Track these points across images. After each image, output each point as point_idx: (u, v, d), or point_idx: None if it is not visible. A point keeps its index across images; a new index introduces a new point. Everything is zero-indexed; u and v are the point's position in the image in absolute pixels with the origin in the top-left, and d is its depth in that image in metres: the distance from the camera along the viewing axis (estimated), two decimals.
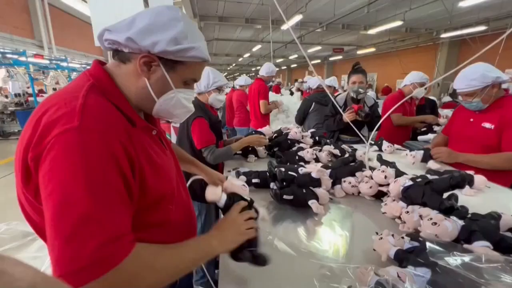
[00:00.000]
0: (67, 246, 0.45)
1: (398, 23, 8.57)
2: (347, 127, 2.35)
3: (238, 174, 1.36)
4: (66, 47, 10.96)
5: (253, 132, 1.98)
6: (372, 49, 14.65)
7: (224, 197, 0.81)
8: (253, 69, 25.96)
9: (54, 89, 9.20)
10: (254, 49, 15.14)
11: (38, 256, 0.89)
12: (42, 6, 9.30)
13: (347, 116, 2.16)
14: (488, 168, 1.52)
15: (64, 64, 8.51)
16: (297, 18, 7.94)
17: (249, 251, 0.68)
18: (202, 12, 10.57)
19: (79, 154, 0.48)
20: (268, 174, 1.31)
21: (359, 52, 15.67)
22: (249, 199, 0.80)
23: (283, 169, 1.19)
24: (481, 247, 0.71)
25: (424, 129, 2.59)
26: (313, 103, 2.97)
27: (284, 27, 8.81)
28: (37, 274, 0.46)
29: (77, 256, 0.45)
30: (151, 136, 0.68)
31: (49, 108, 0.52)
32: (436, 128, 2.59)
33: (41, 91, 8.69)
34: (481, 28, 9.04)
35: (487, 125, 1.57)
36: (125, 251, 0.50)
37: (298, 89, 7.19)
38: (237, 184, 0.96)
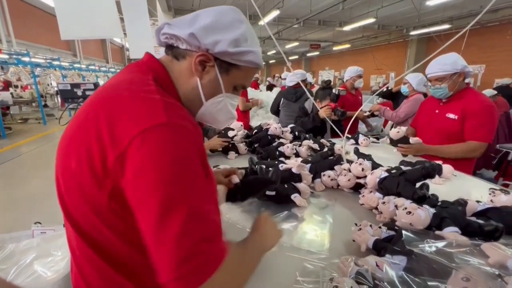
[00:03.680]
0: (177, 248, 0.43)
1: (371, 20, 8.92)
2: (321, 127, 2.40)
3: None
4: (27, 40, 10.11)
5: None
6: (347, 45, 15.10)
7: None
8: None
9: (16, 86, 8.48)
10: None
11: (1, 268, 0.83)
12: None
13: (323, 111, 2.18)
14: (454, 157, 1.63)
15: (26, 59, 7.83)
16: (274, 13, 7.97)
17: None
18: (177, 5, 10.19)
19: (174, 150, 0.45)
20: (249, 170, 1.30)
21: (335, 48, 16.08)
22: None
23: (264, 166, 1.19)
24: (451, 232, 0.76)
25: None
26: (282, 98, 3.02)
27: (261, 22, 8.79)
28: (4, 284, 0.43)
29: (189, 257, 0.43)
30: None
31: (114, 103, 0.49)
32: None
33: None
34: (446, 26, 9.71)
35: (451, 115, 1.70)
36: (225, 250, 0.49)
37: (273, 85, 7.27)
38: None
